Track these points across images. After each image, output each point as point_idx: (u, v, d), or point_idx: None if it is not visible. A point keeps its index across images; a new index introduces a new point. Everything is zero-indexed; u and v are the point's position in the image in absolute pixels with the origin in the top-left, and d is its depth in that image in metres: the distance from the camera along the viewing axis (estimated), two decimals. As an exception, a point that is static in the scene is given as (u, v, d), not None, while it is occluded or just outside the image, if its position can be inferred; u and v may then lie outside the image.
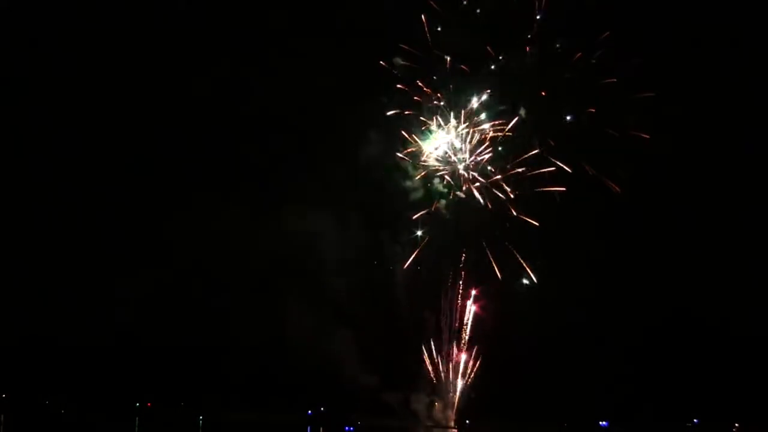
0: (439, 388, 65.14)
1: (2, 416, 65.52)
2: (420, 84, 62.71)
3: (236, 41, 68.82)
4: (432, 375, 64.89)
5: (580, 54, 60.96)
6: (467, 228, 63.75)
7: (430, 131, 63.07)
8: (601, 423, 67.31)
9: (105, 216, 70.62)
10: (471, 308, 64.61)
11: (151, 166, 70.34)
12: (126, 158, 70.67)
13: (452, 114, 62.62)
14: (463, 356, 64.57)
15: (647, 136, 60.35)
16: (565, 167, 61.27)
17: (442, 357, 64.87)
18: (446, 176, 63.18)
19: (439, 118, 62.89)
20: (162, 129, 69.63)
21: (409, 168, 63.48)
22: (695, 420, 67.21)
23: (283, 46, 67.37)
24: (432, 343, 64.82)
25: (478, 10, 62.35)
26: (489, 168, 62.61)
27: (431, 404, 65.23)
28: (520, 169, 61.93)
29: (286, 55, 66.74)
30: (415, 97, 62.97)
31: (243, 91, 68.41)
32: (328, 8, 66.20)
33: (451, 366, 64.80)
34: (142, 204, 69.50)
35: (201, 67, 68.30)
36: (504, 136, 62.35)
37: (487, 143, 62.43)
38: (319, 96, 65.00)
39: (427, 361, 64.78)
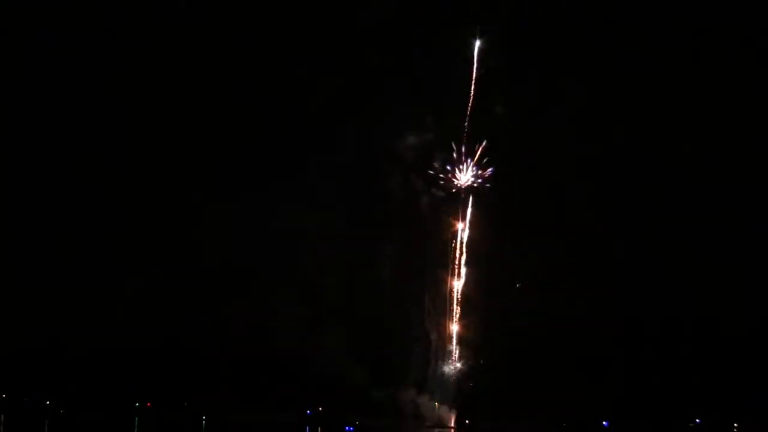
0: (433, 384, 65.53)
1: (2, 416, 65.49)
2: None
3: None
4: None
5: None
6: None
7: None
8: (601, 423, 67.20)
9: (105, 217, 70.90)
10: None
11: (149, 167, 70.75)
12: (124, 160, 70.95)
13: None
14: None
15: None
16: None
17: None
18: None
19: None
20: (154, 132, 70.06)
21: None
22: (697, 420, 66.99)
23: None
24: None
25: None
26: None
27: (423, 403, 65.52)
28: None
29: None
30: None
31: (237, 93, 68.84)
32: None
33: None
34: (140, 205, 69.77)
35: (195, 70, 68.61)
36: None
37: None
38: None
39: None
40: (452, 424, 65.93)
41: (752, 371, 63.18)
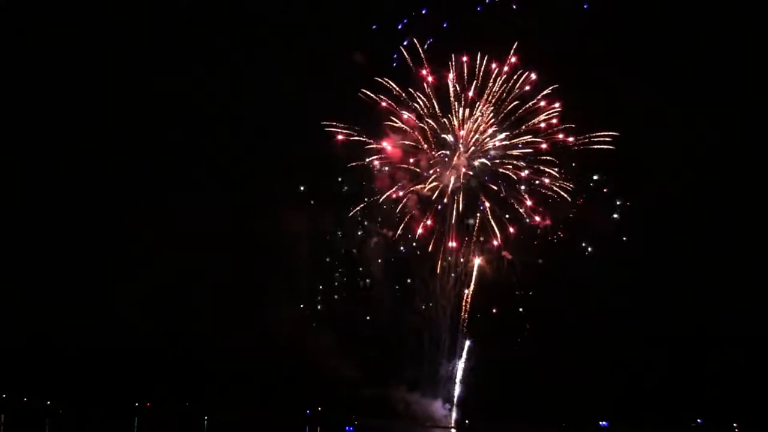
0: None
1: (2, 416, 65.67)
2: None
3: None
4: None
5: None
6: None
7: None
8: (601, 423, 67.09)
9: (104, 217, 70.95)
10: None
11: (147, 169, 70.94)
12: (120, 162, 70.97)
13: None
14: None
15: None
16: None
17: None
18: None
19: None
20: (146, 133, 70.11)
21: None
22: (699, 420, 66.89)
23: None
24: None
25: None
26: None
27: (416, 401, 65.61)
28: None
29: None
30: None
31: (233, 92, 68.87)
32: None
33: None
34: (139, 205, 69.74)
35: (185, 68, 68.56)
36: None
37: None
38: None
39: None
40: (452, 424, 66.00)
41: (752, 371, 63.22)
